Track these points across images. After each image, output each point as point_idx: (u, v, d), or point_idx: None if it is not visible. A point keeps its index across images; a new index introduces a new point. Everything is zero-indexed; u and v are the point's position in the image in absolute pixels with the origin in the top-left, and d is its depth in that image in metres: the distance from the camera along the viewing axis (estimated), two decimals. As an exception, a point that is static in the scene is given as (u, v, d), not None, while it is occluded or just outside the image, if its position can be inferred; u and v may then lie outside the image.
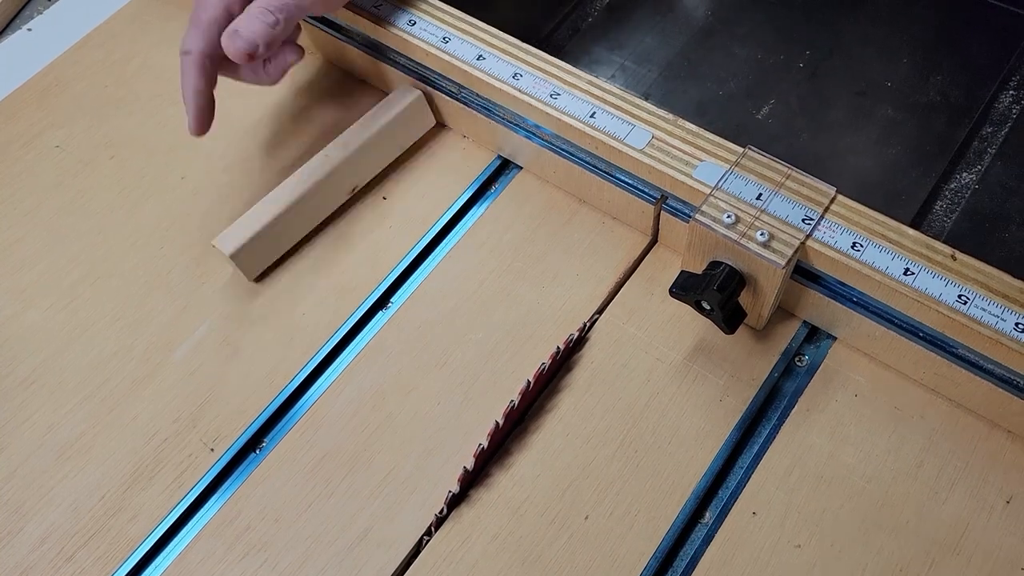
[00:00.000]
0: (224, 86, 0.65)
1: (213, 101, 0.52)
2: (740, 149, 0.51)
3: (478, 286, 0.55)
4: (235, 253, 0.53)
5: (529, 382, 0.49)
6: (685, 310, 0.50)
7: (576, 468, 0.49)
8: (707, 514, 0.47)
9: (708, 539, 0.46)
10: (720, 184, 0.50)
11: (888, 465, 0.48)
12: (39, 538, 0.48)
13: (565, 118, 0.54)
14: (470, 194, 0.59)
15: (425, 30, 0.58)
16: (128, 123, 0.64)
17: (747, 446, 0.49)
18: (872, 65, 0.63)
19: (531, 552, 0.46)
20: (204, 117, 0.52)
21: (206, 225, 0.58)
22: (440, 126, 0.62)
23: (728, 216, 0.48)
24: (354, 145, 0.56)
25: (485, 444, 0.47)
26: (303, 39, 0.66)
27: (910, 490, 0.47)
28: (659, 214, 0.54)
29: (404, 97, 0.59)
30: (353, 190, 0.58)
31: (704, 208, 0.49)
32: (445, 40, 0.57)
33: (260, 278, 0.56)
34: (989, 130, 0.59)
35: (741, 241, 0.47)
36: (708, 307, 0.48)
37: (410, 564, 0.47)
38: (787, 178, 0.50)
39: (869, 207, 0.49)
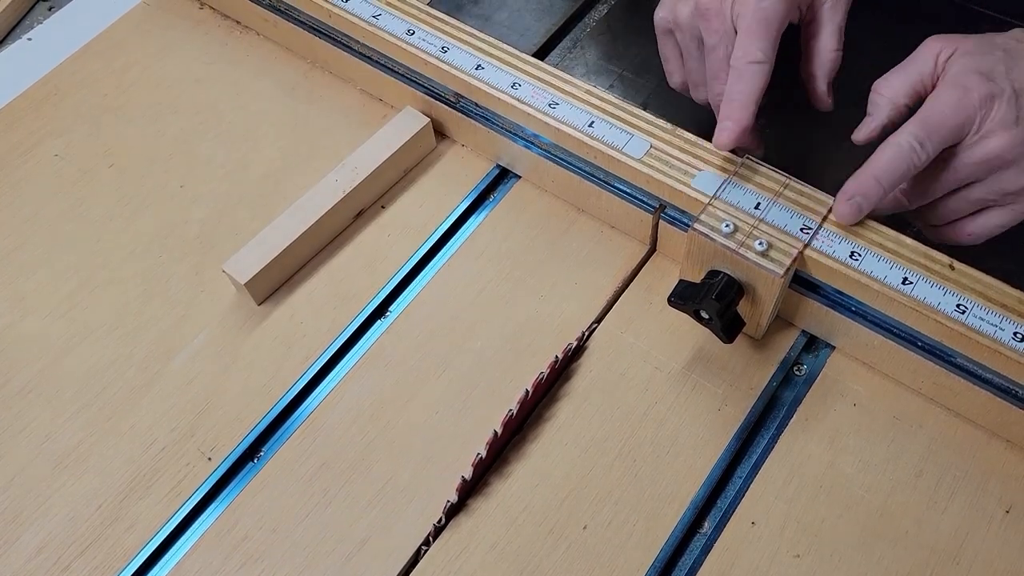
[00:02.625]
0: (220, 88, 0.65)
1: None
2: (738, 158, 0.51)
3: (476, 295, 0.55)
4: (249, 282, 0.53)
5: (527, 391, 0.49)
6: (683, 319, 0.50)
7: (574, 477, 0.48)
8: (706, 524, 0.47)
9: (707, 549, 0.46)
10: (718, 193, 0.50)
11: (887, 474, 0.48)
12: (36, 548, 0.48)
13: (564, 127, 0.54)
14: (469, 203, 0.59)
15: (424, 40, 0.58)
16: (127, 131, 0.64)
17: (746, 455, 0.49)
18: (868, 75, 0.63)
19: (529, 562, 0.46)
20: (744, 133, 0.48)
21: (205, 233, 0.58)
22: (439, 135, 0.62)
23: (726, 225, 0.48)
24: (363, 173, 0.57)
25: (483, 453, 0.47)
26: (299, 47, 0.66)
27: (909, 499, 0.47)
28: (657, 223, 0.54)
29: (412, 124, 0.59)
30: (359, 214, 0.58)
31: (702, 217, 0.49)
32: (444, 50, 0.57)
33: (258, 287, 0.56)
34: (987, 139, 0.59)
35: (739, 250, 0.47)
36: (707, 316, 0.48)
37: (408, 574, 0.46)
38: (785, 187, 0.50)
39: (867, 216, 0.49)
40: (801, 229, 0.48)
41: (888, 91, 0.49)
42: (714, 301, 0.47)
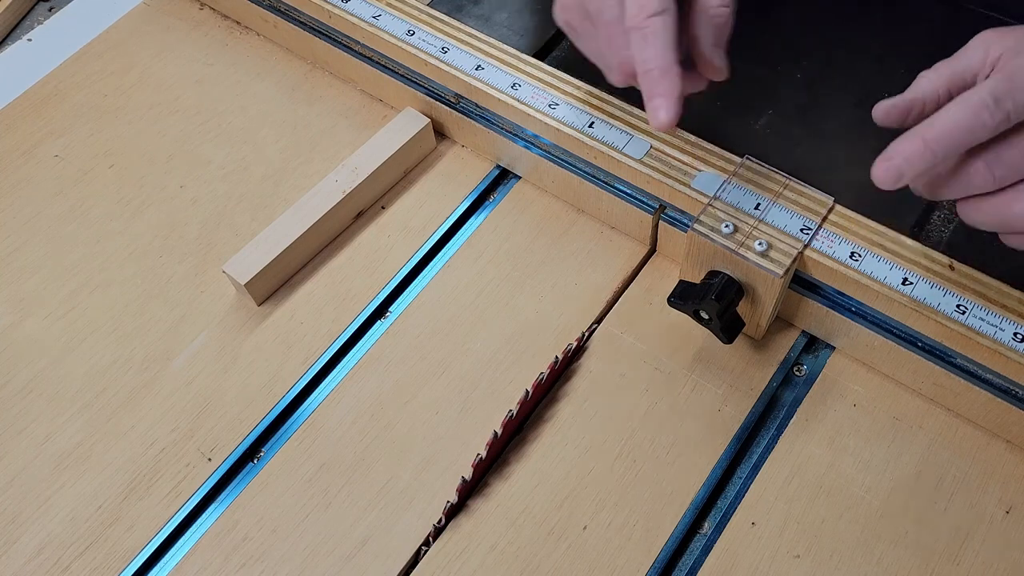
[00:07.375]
0: (220, 89, 0.65)
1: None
2: (738, 159, 0.51)
3: (476, 296, 0.55)
4: (250, 282, 0.53)
5: (527, 392, 0.49)
6: (684, 320, 0.50)
7: (574, 478, 0.48)
8: (706, 524, 0.47)
9: (707, 549, 0.46)
10: (718, 194, 0.50)
11: (887, 475, 0.48)
12: (36, 548, 0.48)
13: (564, 128, 0.54)
14: (469, 203, 0.59)
15: (424, 40, 0.58)
16: (127, 132, 0.64)
17: (746, 456, 0.49)
18: (870, 76, 0.64)
19: (529, 563, 0.46)
20: (679, 102, 0.42)
21: (205, 234, 0.58)
22: (439, 136, 0.62)
23: (726, 226, 0.48)
24: (364, 174, 0.57)
25: (483, 454, 0.47)
26: (299, 48, 0.66)
27: (909, 500, 0.47)
28: (657, 224, 0.54)
29: (412, 124, 0.59)
30: (359, 215, 0.58)
31: (702, 218, 0.49)
32: (444, 50, 0.57)
33: (259, 287, 0.56)
34: (986, 140, 0.59)
35: (739, 251, 0.47)
36: (706, 317, 0.48)
37: (408, 574, 0.46)
38: (785, 188, 0.50)
39: (867, 217, 0.49)
40: (801, 230, 0.48)
41: (930, 75, 0.42)
42: (714, 301, 0.47)
